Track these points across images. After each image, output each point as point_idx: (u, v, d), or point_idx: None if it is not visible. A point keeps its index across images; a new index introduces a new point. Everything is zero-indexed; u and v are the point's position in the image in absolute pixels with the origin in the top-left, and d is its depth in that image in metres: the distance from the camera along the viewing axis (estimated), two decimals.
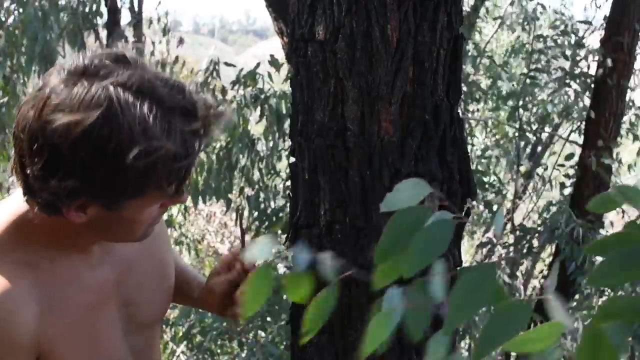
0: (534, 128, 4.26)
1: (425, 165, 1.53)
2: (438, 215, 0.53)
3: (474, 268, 0.52)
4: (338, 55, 1.51)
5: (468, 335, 3.50)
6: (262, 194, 3.48)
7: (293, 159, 1.67)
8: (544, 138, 5.11)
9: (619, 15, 3.37)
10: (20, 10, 4.09)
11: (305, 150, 1.59)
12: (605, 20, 3.50)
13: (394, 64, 1.49)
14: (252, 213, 3.50)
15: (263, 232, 3.49)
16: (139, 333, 1.20)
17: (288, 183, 3.26)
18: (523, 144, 4.46)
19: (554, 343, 0.50)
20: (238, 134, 3.36)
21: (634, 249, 0.49)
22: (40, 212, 0.99)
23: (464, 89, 4.14)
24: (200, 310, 3.33)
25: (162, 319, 1.34)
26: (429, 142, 1.54)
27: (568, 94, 3.80)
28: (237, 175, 3.51)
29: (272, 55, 3.35)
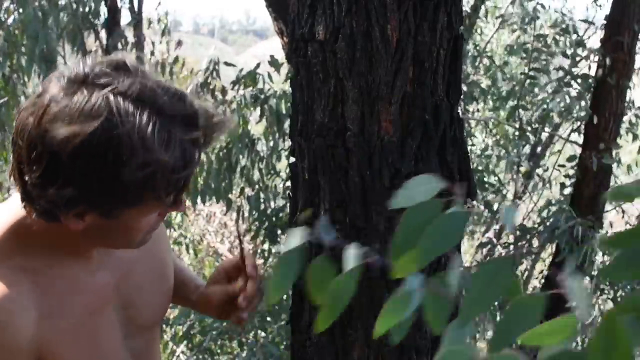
0: (534, 128, 4.26)
1: (425, 165, 1.53)
2: (451, 209, 0.53)
3: (491, 261, 0.52)
4: (338, 55, 1.50)
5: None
6: (262, 194, 3.48)
7: (293, 159, 1.67)
8: (544, 138, 5.11)
9: (619, 15, 3.37)
10: (20, 11, 4.08)
11: (305, 150, 1.59)
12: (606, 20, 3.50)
13: (394, 64, 1.49)
14: (252, 213, 3.49)
15: (263, 232, 3.49)
16: (139, 335, 1.20)
17: (288, 183, 3.25)
18: (523, 144, 4.45)
19: (569, 337, 0.49)
20: (238, 134, 3.36)
21: None
22: (38, 218, 0.99)
23: (464, 89, 4.14)
24: None
25: (162, 321, 1.34)
26: (429, 142, 1.54)
27: (569, 94, 3.79)
28: (237, 176, 3.51)
29: (272, 56, 3.35)
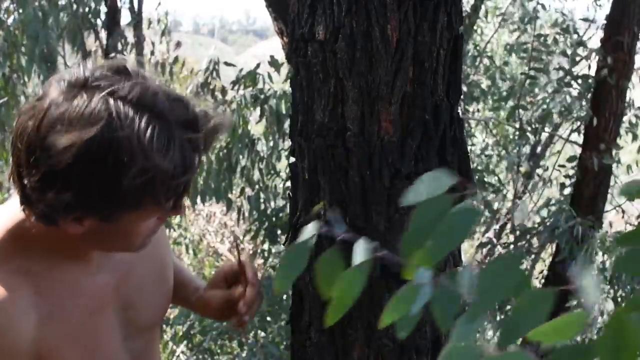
0: (534, 128, 4.26)
1: (425, 165, 1.53)
2: (462, 204, 0.53)
3: (501, 257, 0.52)
4: (338, 55, 1.50)
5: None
6: (262, 195, 3.48)
7: (293, 159, 1.67)
8: (544, 138, 5.11)
9: (619, 15, 3.37)
10: (20, 11, 4.08)
11: (305, 150, 1.59)
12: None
13: (394, 64, 1.49)
14: (252, 213, 3.49)
15: (263, 232, 3.49)
16: (139, 336, 1.20)
17: (288, 183, 3.25)
18: (523, 144, 4.45)
19: (578, 333, 0.49)
20: (238, 135, 3.36)
21: None
22: (37, 221, 0.99)
23: (464, 89, 4.14)
24: None
25: (161, 321, 1.34)
26: (429, 142, 1.54)
27: (570, 93, 3.79)
28: (237, 176, 3.51)
29: (272, 56, 3.35)
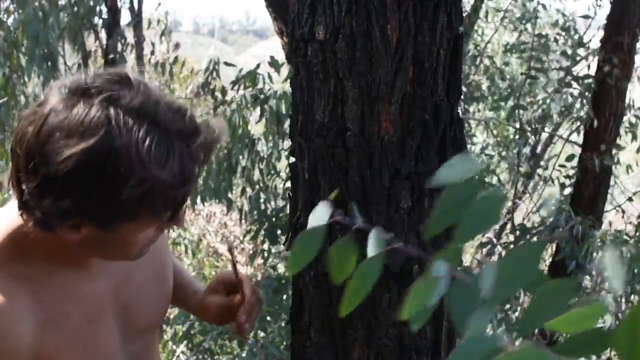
0: (534, 128, 4.26)
1: (425, 165, 1.53)
2: (490, 190, 0.55)
3: (522, 245, 0.52)
4: (338, 55, 1.50)
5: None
6: (262, 195, 3.48)
7: (293, 159, 1.67)
8: (544, 138, 5.11)
9: (619, 15, 3.37)
10: (20, 11, 4.08)
11: (305, 150, 1.59)
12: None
13: (394, 64, 1.49)
14: (252, 213, 3.49)
15: (263, 232, 3.49)
16: (138, 338, 1.20)
17: (288, 183, 3.25)
18: (523, 144, 4.45)
19: (596, 324, 0.50)
20: (238, 135, 3.36)
21: None
22: (34, 227, 0.98)
23: (464, 89, 4.14)
24: None
25: (161, 322, 1.33)
26: (429, 142, 1.54)
27: (571, 93, 3.79)
28: (237, 176, 3.51)
29: (272, 57, 3.34)
